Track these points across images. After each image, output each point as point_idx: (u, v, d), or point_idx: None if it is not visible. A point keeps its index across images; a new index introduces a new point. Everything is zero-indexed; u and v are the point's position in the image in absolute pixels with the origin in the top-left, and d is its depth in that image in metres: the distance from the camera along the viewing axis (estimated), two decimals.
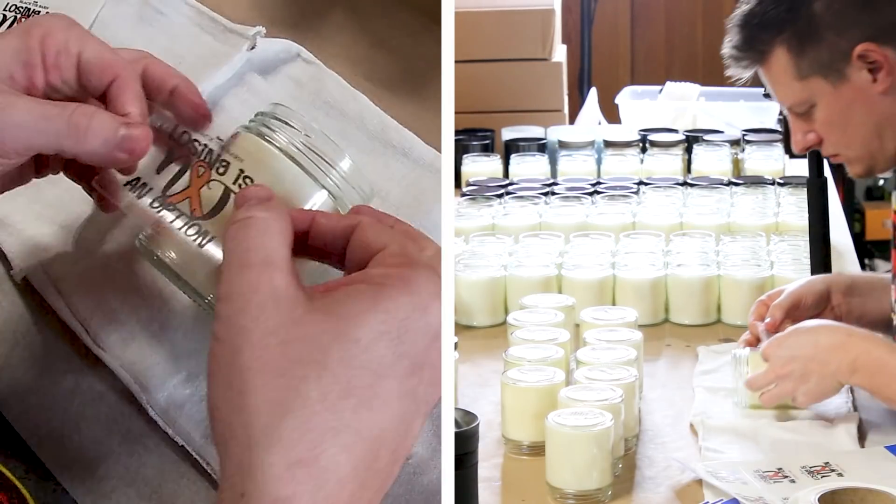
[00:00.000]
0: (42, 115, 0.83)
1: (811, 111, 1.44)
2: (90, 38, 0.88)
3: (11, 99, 0.83)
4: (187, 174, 0.89)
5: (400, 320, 0.76)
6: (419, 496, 0.96)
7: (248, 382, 0.73)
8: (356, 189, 0.91)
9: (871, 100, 1.41)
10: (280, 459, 0.72)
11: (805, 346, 1.36)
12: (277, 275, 0.77)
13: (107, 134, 0.85)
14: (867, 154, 1.45)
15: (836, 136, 1.45)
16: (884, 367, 1.31)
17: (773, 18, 1.43)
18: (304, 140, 0.90)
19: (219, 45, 1.16)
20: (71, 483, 0.98)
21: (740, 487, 1.22)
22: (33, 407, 1.00)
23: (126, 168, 0.90)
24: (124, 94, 0.87)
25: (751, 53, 1.46)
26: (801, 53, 1.42)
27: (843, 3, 1.41)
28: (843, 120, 1.43)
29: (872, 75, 1.40)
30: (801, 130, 1.46)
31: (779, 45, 1.43)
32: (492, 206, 1.99)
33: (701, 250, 1.77)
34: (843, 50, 1.40)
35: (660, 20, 3.88)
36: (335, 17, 1.23)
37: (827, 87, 1.42)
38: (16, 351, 1.03)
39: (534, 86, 2.47)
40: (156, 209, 0.88)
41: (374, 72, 1.18)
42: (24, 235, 1.06)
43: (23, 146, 0.84)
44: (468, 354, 1.55)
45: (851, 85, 1.41)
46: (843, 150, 1.46)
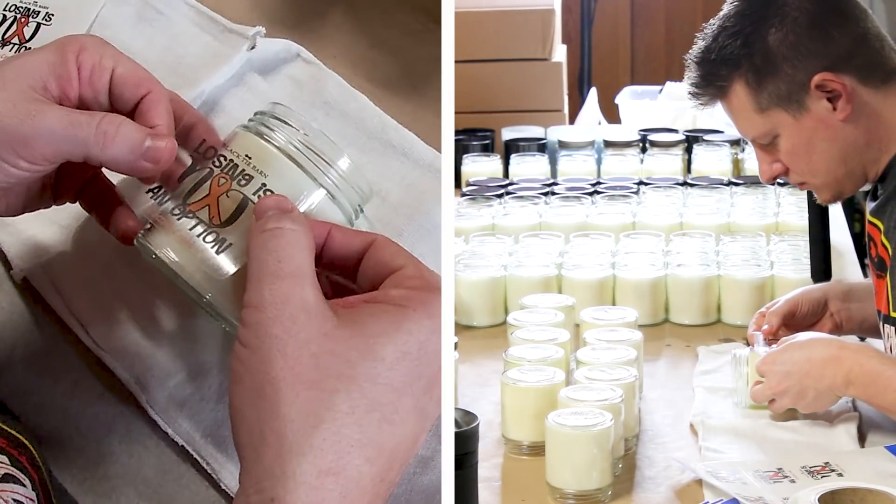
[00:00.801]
0: (71, 123, 0.86)
1: (775, 142, 1.44)
2: (123, 55, 0.92)
3: (42, 107, 0.86)
4: (207, 183, 0.90)
5: (420, 342, 0.80)
6: (419, 496, 0.96)
7: (280, 391, 0.77)
8: (355, 188, 0.91)
9: (833, 128, 1.41)
10: (311, 468, 0.76)
11: (799, 362, 1.37)
12: (308, 287, 0.80)
13: (133, 143, 0.87)
14: (834, 181, 1.45)
15: (801, 165, 1.45)
16: (877, 377, 1.32)
17: (730, 54, 1.43)
18: (302, 139, 0.90)
19: (219, 45, 1.16)
20: (71, 483, 0.98)
21: (740, 487, 1.22)
22: (33, 407, 1.00)
23: (150, 177, 0.92)
24: (154, 108, 0.90)
25: (710, 89, 1.46)
26: (760, 87, 1.42)
27: (797, 34, 1.41)
28: (806, 149, 1.43)
29: (832, 104, 1.40)
30: (766, 161, 1.46)
31: (737, 80, 1.43)
32: (492, 206, 1.99)
33: (701, 250, 1.77)
34: (801, 81, 1.40)
35: (660, 20, 3.88)
36: (335, 17, 1.23)
37: (788, 118, 1.42)
38: (16, 351, 1.03)
39: (534, 86, 2.47)
40: (176, 216, 0.89)
41: (374, 72, 1.18)
42: (24, 235, 1.06)
43: (52, 152, 0.87)
44: (468, 354, 1.55)
45: (812, 115, 1.41)
46: (810, 178, 1.46)
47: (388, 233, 0.92)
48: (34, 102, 0.86)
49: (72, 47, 0.90)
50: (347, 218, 0.91)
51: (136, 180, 0.93)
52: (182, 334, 1.01)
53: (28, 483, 0.88)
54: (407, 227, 1.05)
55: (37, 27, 1.18)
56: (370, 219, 0.99)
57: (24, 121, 0.85)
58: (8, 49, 1.17)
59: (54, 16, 1.19)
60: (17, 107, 0.85)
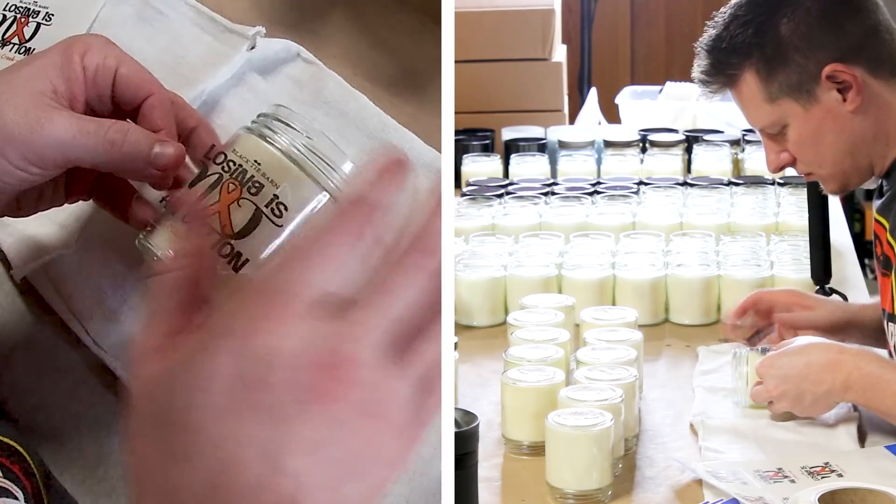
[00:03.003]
0: (80, 131, 0.87)
1: (784, 131, 1.45)
2: (127, 56, 0.93)
3: (52, 114, 0.87)
4: (217, 189, 0.89)
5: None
6: (419, 496, 0.96)
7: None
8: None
9: (842, 119, 1.41)
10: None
11: (797, 366, 1.36)
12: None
13: (141, 150, 0.88)
14: (840, 172, 1.45)
15: (809, 155, 1.45)
16: (876, 382, 1.32)
17: (741, 43, 1.43)
18: (305, 142, 0.90)
19: (219, 45, 1.16)
20: (71, 483, 0.98)
21: (740, 487, 1.22)
22: (33, 407, 1.00)
23: (159, 183, 0.92)
24: (157, 111, 0.91)
25: (720, 78, 1.46)
26: (770, 76, 1.42)
27: (808, 25, 1.41)
28: (814, 140, 1.44)
29: (842, 95, 1.40)
30: (773, 151, 1.47)
31: (747, 69, 1.43)
32: (492, 206, 1.99)
33: (701, 250, 1.77)
34: (812, 71, 1.41)
35: (660, 20, 3.88)
36: (335, 17, 1.23)
37: (797, 108, 1.42)
38: (16, 351, 1.03)
39: (534, 86, 2.47)
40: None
41: (374, 72, 1.18)
42: (24, 235, 1.06)
43: (62, 159, 0.88)
44: (468, 354, 1.55)
45: (822, 105, 1.41)
46: (816, 168, 1.46)
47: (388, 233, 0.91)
48: (44, 109, 0.87)
49: (77, 48, 0.90)
50: None
51: (149, 188, 0.93)
52: None
53: (21, 495, 0.87)
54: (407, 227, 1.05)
55: (37, 27, 1.18)
56: None
57: (33, 128, 0.86)
58: (8, 49, 1.17)
59: (54, 16, 1.19)
60: (28, 114, 0.86)
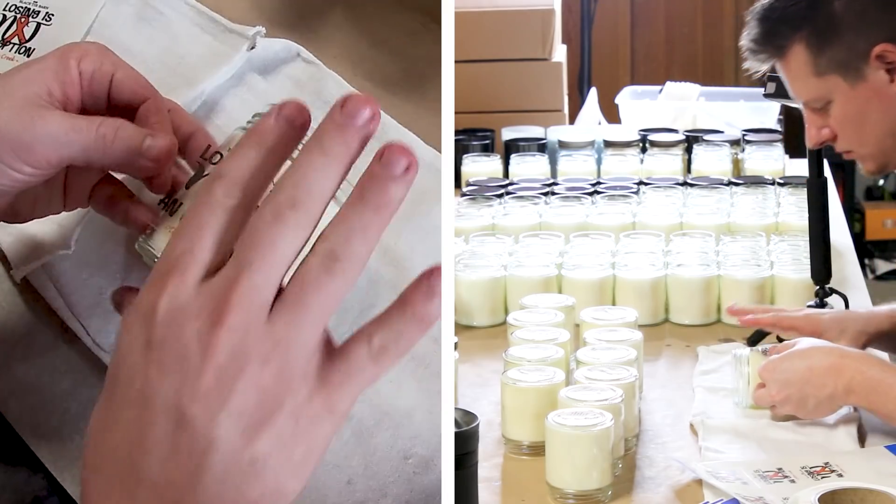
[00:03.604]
0: (72, 128, 0.88)
1: (827, 107, 1.45)
2: (123, 62, 0.94)
3: (44, 112, 0.88)
4: None
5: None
6: (419, 496, 0.96)
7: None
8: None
9: (888, 99, 1.42)
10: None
11: (800, 370, 1.36)
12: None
13: (132, 143, 0.89)
14: (880, 152, 1.45)
15: (851, 133, 1.45)
16: (878, 385, 1.32)
17: (794, 14, 1.43)
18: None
19: (219, 44, 1.16)
20: (71, 483, 0.98)
21: (740, 487, 1.22)
22: (33, 407, 1.00)
23: (158, 185, 0.93)
24: (153, 115, 0.92)
25: (769, 48, 1.46)
26: (820, 51, 1.43)
27: (863, 3, 1.42)
28: (858, 118, 1.44)
29: (890, 76, 1.41)
30: (815, 125, 1.47)
31: (798, 42, 1.44)
32: (492, 206, 1.99)
33: (701, 250, 1.77)
34: (862, 50, 1.41)
35: (660, 20, 3.88)
36: (335, 17, 1.23)
37: (844, 85, 1.43)
38: (16, 351, 1.03)
39: (534, 86, 2.47)
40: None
41: (374, 72, 1.18)
42: (24, 235, 1.06)
43: (55, 157, 0.88)
44: (468, 354, 1.55)
45: (868, 84, 1.42)
46: (857, 147, 1.47)
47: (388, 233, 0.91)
48: (37, 108, 0.88)
49: (74, 54, 0.92)
50: None
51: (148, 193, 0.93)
52: None
53: None
54: (406, 226, 1.05)
55: (37, 27, 1.18)
56: None
57: (26, 127, 0.87)
58: (8, 49, 1.17)
59: (54, 16, 1.19)
60: (21, 114, 0.87)
